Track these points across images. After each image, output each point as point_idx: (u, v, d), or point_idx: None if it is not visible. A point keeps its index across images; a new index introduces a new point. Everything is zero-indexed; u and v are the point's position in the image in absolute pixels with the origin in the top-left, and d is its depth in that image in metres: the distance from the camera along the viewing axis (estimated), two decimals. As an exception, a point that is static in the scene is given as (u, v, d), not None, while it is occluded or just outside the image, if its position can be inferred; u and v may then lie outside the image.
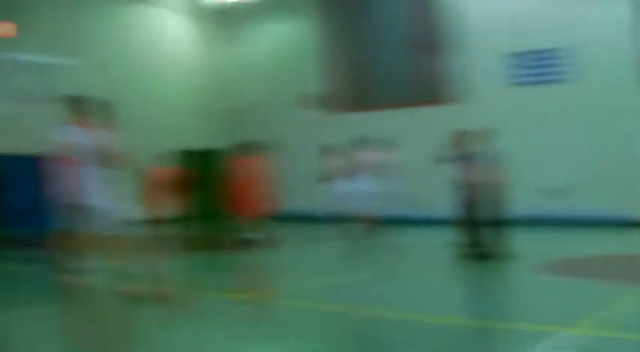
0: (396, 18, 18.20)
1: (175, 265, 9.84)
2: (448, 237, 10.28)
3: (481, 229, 9.56)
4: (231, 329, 5.72)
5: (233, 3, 21.41)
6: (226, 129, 20.95)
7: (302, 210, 18.52)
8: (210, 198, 15.53)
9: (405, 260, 9.83)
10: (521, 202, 11.94)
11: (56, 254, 7.60)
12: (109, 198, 6.73)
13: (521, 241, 10.15)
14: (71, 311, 6.35)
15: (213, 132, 21.31)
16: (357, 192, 12.21)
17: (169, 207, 13.35)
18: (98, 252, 6.50)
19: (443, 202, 10.76)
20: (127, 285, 6.50)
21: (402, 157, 12.36)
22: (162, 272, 7.83)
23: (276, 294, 7.18)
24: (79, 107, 7.04)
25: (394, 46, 18.28)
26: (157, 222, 12.40)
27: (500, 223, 9.62)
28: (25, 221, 15.60)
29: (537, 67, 15.88)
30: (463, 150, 9.92)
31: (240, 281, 8.74)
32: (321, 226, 16.43)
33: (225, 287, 8.30)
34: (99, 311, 6.74)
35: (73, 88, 15.04)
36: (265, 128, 19.78)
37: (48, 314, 6.99)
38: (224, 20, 21.77)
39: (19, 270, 10.97)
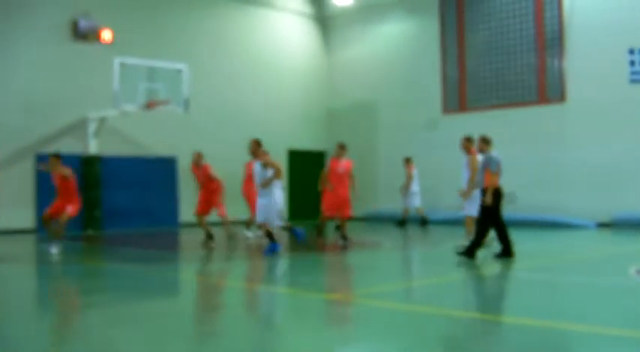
0: (516, 16, 17.67)
1: (271, 265, 10.01)
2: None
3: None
4: (319, 329, 5.80)
5: (351, 5, 21.24)
6: (333, 132, 21.18)
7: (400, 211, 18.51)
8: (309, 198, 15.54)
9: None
10: None
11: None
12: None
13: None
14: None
15: (320, 134, 21.63)
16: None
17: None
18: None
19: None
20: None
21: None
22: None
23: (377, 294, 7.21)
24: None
25: (511, 46, 17.78)
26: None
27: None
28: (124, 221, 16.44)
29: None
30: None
31: (332, 282, 8.87)
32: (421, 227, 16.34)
33: (317, 287, 8.27)
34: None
35: (191, 91, 15.48)
36: (376, 131, 19.82)
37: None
38: (343, 22, 21.81)
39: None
